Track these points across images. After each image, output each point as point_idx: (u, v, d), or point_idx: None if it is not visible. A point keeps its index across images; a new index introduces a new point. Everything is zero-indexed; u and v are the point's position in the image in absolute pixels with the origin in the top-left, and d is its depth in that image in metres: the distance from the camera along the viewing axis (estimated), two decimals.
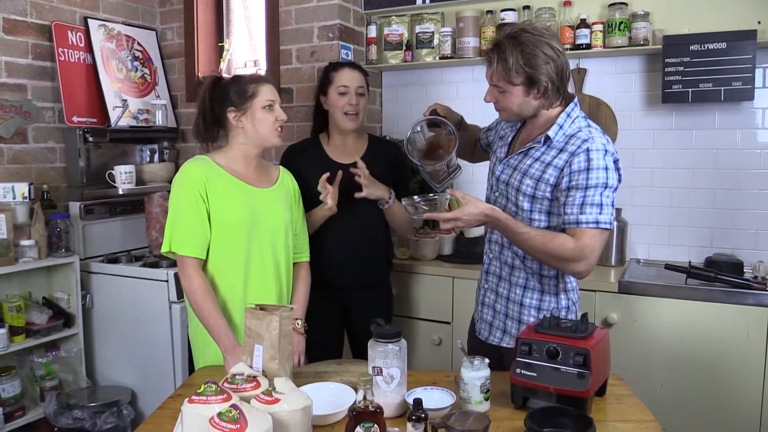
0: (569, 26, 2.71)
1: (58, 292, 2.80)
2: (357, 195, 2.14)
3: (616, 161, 1.69)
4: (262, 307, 1.61)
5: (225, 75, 3.22)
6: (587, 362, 1.42)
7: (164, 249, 1.88)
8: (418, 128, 1.95)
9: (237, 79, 1.91)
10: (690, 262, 2.42)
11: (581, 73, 2.81)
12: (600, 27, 2.67)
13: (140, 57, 3.26)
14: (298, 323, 1.97)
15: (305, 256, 2.11)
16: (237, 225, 1.87)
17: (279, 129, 1.92)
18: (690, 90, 2.51)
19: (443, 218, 1.70)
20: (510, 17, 2.77)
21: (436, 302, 2.70)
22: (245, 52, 3.38)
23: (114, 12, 3.19)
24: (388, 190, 2.21)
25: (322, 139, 2.34)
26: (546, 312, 1.79)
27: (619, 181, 1.70)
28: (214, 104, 1.91)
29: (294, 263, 2.07)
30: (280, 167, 2.08)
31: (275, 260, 1.95)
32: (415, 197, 1.82)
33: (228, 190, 1.88)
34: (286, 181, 2.05)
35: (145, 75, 3.26)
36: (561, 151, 1.68)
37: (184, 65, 3.32)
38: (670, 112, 2.72)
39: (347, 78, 2.20)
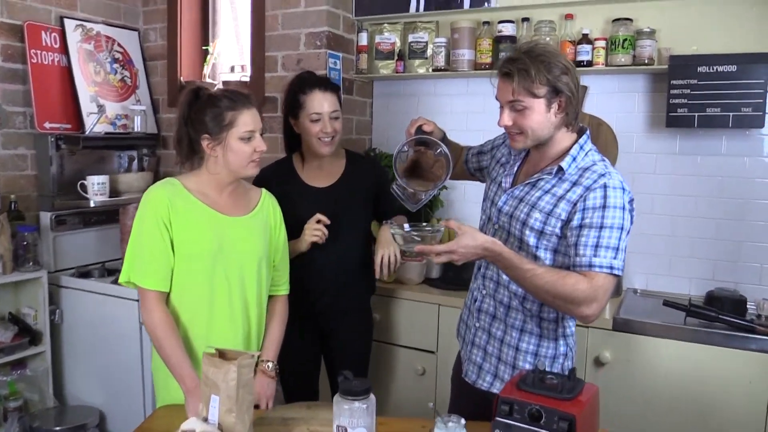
0: (570, 41, 2.55)
1: (25, 307, 2.66)
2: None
3: (631, 201, 1.57)
4: (221, 353, 1.48)
5: (207, 82, 3.12)
6: (573, 428, 1.28)
7: (123, 279, 1.74)
8: (406, 147, 1.79)
9: (214, 101, 1.73)
10: (690, 300, 2.27)
11: (582, 90, 2.65)
12: (602, 43, 2.52)
13: (120, 59, 3.10)
14: (268, 366, 1.84)
15: (284, 289, 1.97)
16: (201, 256, 1.73)
17: (256, 160, 1.76)
18: (696, 114, 2.35)
19: (436, 251, 1.54)
20: (508, 29, 2.61)
21: (421, 330, 2.56)
22: (232, 55, 3.23)
23: (94, 11, 3.04)
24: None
25: (296, 161, 2.19)
26: (543, 358, 1.67)
27: (632, 223, 1.57)
28: (189, 126, 1.76)
29: (270, 296, 1.93)
30: (263, 191, 1.93)
31: (243, 296, 1.80)
32: (406, 226, 1.68)
33: (194, 218, 1.73)
34: (267, 206, 1.90)
35: (125, 78, 3.11)
36: (575, 184, 1.56)
37: (167, 68, 3.16)
38: (674, 135, 2.56)
39: (318, 103, 2.04)
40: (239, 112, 1.72)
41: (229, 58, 3.24)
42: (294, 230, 2.02)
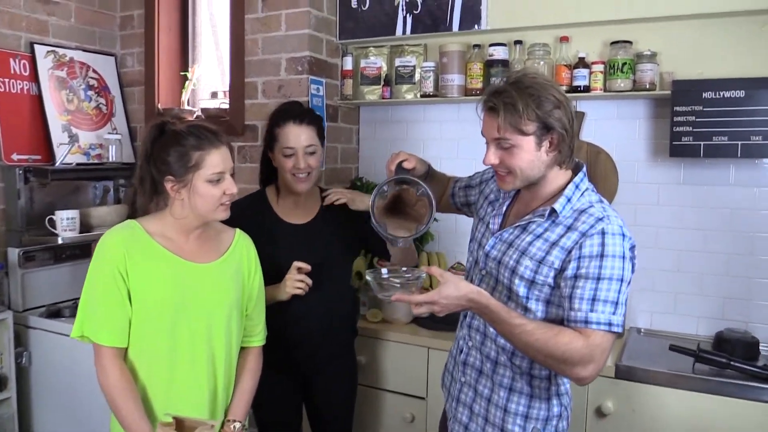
0: (566, 65, 2.40)
1: None
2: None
3: (632, 248, 1.43)
4: (179, 421, 1.33)
5: (185, 110, 2.98)
6: None
7: (75, 333, 1.58)
8: (386, 188, 1.64)
9: (179, 139, 1.57)
10: (699, 345, 2.10)
11: (579, 117, 2.50)
12: (600, 67, 2.36)
13: (96, 85, 2.97)
14: (234, 427, 1.67)
15: (257, 340, 1.80)
16: (161, 308, 1.57)
17: (226, 203, 1.61)
18: (702, 143, 2.19)
19: (415, 301, 1.39)
20: (499, 53, 2.46)
21: (409, 374, 2.39)
22: (213, 80, 3.09)
23: (67, 36, 2.90)
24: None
25: (270, 194, 2.04)
26: (535, 421, 1.51)
27: (633, 272, 1.42)
28: (152, 165, 1.61)
29: (242, 347, 1.77)
30: (237, 232, 1.77)
31: (210, 351, 1.64)
32: (383, 270, 1.53)
33: (154, 267, 1.58)
34: (241, 249, 1.74)
35: (101, 105, 2.97)
36: (569, 229, 1.41)
37: (144, 95, 3.02)
38: (678, 165, 2.40)
39: (293, 137, 1.89)
40: (207, 152, 1.57)
41: (210, 84, 3.10)
42: (270, 271, 1.85)
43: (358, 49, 2.79)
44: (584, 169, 1.52)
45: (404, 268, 1.55)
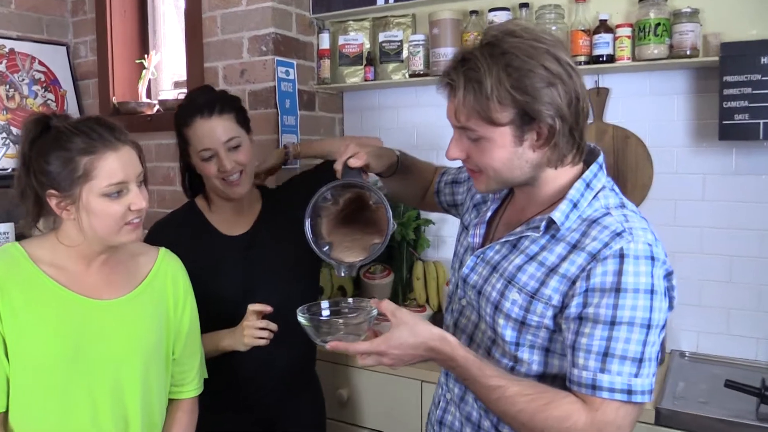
0: (583, 30, 1.94)
1: None
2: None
3: (668, 276, 1.01)
4: None
5: (143, 102, 2.59)
6: None
7: None
8: (328, 195, 1.26)
9: (61, 140, 1.18)
10: (764, 381, 1.64)
11: (601, 94, 2.04)
12: (627, 31, 1.89)
13: (43, 79, 2.60)
14: None
15: (190, 390, 1.43)
16: (49, 362, 1.20)
17: (134, 223, 1.23)
18: (761, 122, 1.72)
19: (359, 351, 1.05)
20: (501, 19, 2.02)
21: (400, 411, 1.97)
22: (177, 68, 2.70)
23: (6, 25, 2.53)
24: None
25: (201, 205, 1.65)
26: None
27: (670, 309, 1.04)
28: (31, 175, 1.22)
29: (171, 400, 1.40)
30: (160, 252, 1.39)
31: (120, 413, 1.27)
32: (324, 307, 1.21)
33: (38, 306, 1.21)
34: (164, 275, 1.36)
35: (49, 101, 2.60)
36: (574, 247, 1.03)
37: (98, 88, 2.65)
38: (728, 150, 1.92)
39: (206, 136, 1.50)
40: (99, 157, 1.18)
41: (172, 73, 2.71)
42: (211, 305, 1.49)
43: (336, 23, 2.36)
44: (601, 158, 1.09)
45: (350, 300, 1.23)
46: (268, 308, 1.46)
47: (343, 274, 1.24)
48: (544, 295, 1.02)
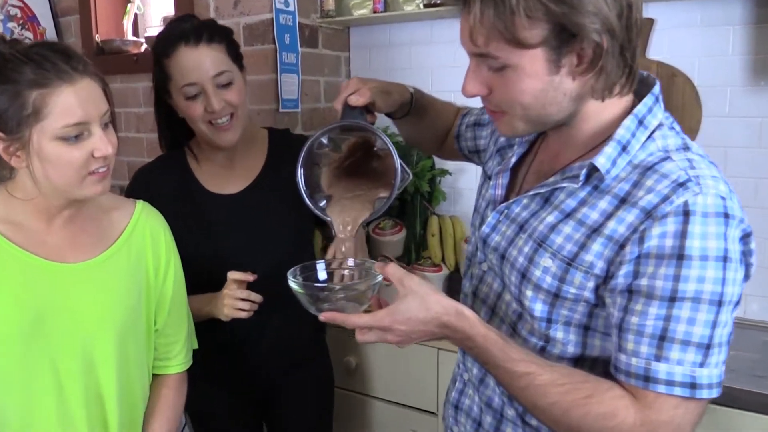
0: None
1: None
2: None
3: (745, 238, 0.80)
4: None
5: (128, 41, 2.34)
6: None
7: None
8: (324, 140, 1.05)
9: (7, 67, 0.96)
10: None
11: (645, 26, 1.78)
12: None
13: (19, 16, 2.36)
14: None
15: (177, 364, 1.26)
16: (4, 333, 1.02)
17: (99, 173, 1.03)
18: None
19: (359, 325, 0.87)
20: None
21: (414, 382, 1.80)
22: (165, 2, 2.44)
23: None
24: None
25: (189, 158, 1.44)
26: None
27: (746, 279, 0.81)
28: None
29: (155, 376, 1.24)
30: (138, 205, 1.19)
31: (93, 391, 1.10)
32: (319, 268, 1.02)
33: None
34: (142, 233, 1.17)
35: (27, 40, 2.36)
36: (623, 202, 0.81)
37: (80, 25, 2.41)
38: None
39: (192, 67, 1.27)
40: (52, 91, 0.97)
41: (160, 7, 2.45)
42: (201, 270, 1.31)
43: None
44: (657, 89, 0.87)
45: (351, 262, 1.03)
46: (249, 277, 1.28)
47: (340, 233, 1.04)
48: (584, 262, 0.82)
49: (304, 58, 2.03)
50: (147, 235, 1.17)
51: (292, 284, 0.94)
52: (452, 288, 1.91)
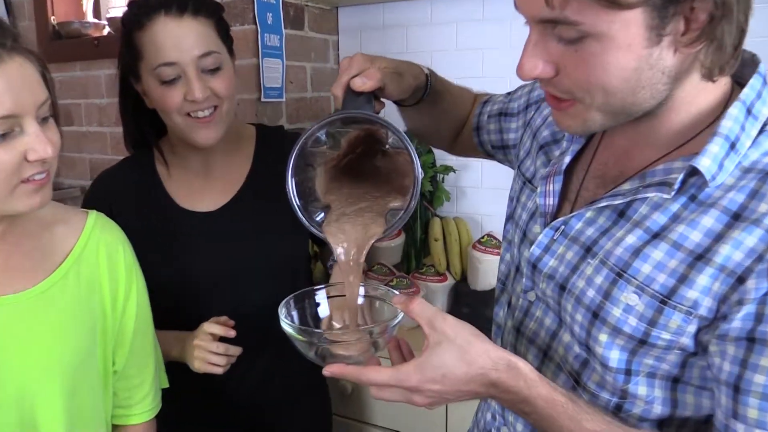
0: None
1: None
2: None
3: None
4: None
5: (88, 23, 2.08)
6: None
7: None
8: (321, 135, 0.81)
9: None
10: None
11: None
12: None
13: None
14: None
15: (141, 413, 1.02)
16: None
17: (35, 180, 0.81)
18: None
19: (378, 382, 0.68)
20: None
21: (418, 411, 1.59)
22: None
23: None
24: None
25: (158, 161, 1.19)
26: None
27: None
28: None
29: (116, 427, 1.01)
30: (90, 216, 0.95)
31: None
32: (319, 296, 0.85)
33: None
34: (94, 253, 0.94)
35: None
36: (737, 219, 0.61)
37: (34, 6, 2.14)
38: None
39: (170, 43, 1.02)
40: None
41: None
42: (164, 300, 1.07)
43: None
44: (763, 68, 0.66)
45: (362, 291, 0.81)
46: (230, 332, 1.05)
47: (341, 256, 0.81)
48: (685, 299, 0.61)
49: (288, 41, 1.79)
50: (101, 254, 0.94)
51: (285, 327, 0.72)
52: (459, 301, 1.70)
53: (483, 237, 1.70)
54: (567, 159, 0.77)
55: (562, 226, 0.74)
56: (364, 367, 0.69)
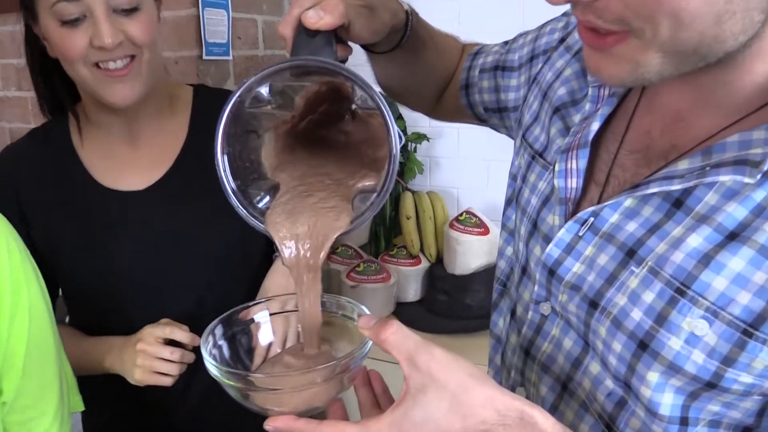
0: None
1: None
2: None
3: None
4: None
5: None
6: None
7: None
8: (264, 91, 0.58)
9: None
10: None
11: None
12: None
13: None
14: None
15: None
16: None
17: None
18: None
19: None
20: None
21: None
22: None
23: None
24: None
25: (73, 129, 0.98)
26: None
27: None
28: None
29: None
30: None
31: None
32: (260, 317, 0.64)
33: None
34: None
35: None
36: None
37: None
38: None
39: None
40: None
41: None
42: (83, 298, 0.95)
43: None
44: None
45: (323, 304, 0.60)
46: (195, 339, 0.87)
47: (287, 255, 0.59)
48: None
49: None
50: None
51: (211, 368, 0.51)
52: (434, 286, 1.51)
53: (461, 215, 1.51)
54: (595, 126, 0.57)
55: (591, 219, 0.54)
56: (319, 423, 0.50)
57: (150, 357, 0.85)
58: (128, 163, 0.96)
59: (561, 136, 0.61)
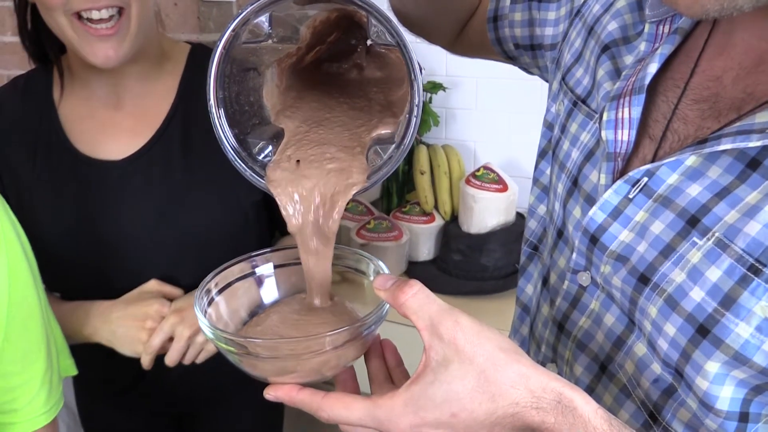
0: None
1: None
2: None
3: None
4: None
5: None
6: None
7: None
8: (264, 22, 0.48)
9: None
10: None
11: None
12: None
13: None
14: None
15: (29, 419, 0.76)
16: None
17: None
18: None
19: (350, 422, 0.42)
20: None
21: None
22: None
23: None
24: None
25: (55, 84, 0.91)
26: None
27: None
28: None
29: None
30: None
31: None
32: (261, 266, 0.56)
33: None
34: None
35: None
36: None
37: None
38: None
39: None
40: None
41: None
42: (62, 268, 0.89)
43: None
44: None
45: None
46: (175, 293, 0.85)
47: (294, 227, 0.51)
48: None
49: None
50: None
51: (205, 329, 0.45)
52: (449, 246, 1.43)
53: (478, 170, 1.42)
54: (653, 68, 0.48)
55: (645, 179, 0.46)
56: (325, 395, 0.43)
57: (141, 329, 0.81)
58: (108, 128, 0.89)
59: (610, 80, 0.53)
